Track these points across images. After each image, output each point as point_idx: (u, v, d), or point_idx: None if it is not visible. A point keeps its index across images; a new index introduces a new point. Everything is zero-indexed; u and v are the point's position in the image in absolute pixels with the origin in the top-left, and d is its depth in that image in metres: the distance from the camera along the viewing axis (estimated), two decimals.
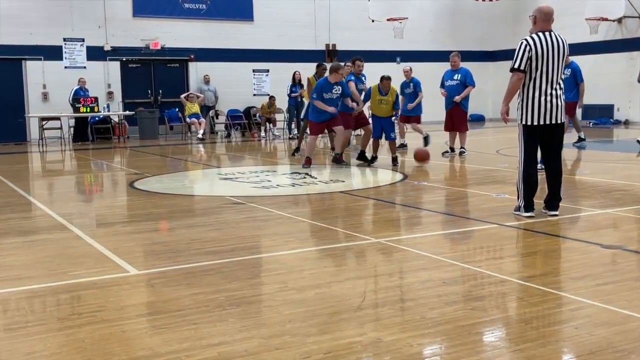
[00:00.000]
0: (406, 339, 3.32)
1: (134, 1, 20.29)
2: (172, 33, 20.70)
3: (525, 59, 6.17)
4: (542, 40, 6.17)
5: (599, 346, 3.19)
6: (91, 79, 19.23)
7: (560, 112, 6.26)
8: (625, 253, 5.05)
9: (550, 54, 6.17)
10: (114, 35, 20.06)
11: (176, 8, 20.81)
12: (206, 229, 6.21)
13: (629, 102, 21.40)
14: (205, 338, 3.38)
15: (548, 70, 6.19)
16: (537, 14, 6.35)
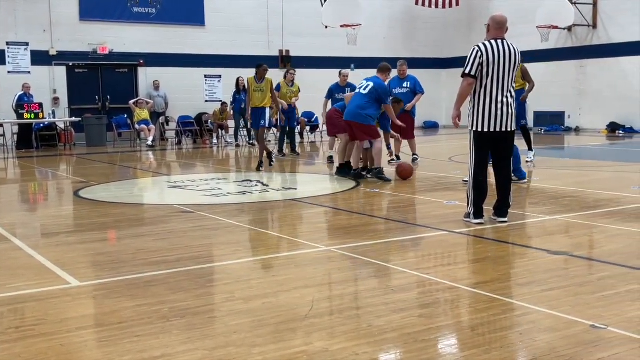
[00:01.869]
0: (352, 348, 3.35)
1: (80, 5, 19.99)
2: (120, 37, 20.46)
3: (476, 65, 6.26)
4: (494, 48, 6.27)
5: (543, 352, 3.26)
6: (36, 84, 18.86)
7: (510, 119, 6.35)
8: (572, 259, 5.17)
9: (501, 61, 6.26)
10: (59, 39, 19.73)
11: (125, 12, 20.58)
12: (152, 239, 6.14)
13: (579, 109, 21.99)
14: (147, 351, 3.34)
15: (499, 77, 6.27)
16: (490, 23, 6.47)
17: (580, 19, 21.25)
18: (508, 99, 6.34)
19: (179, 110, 21.03)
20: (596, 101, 21.24)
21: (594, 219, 6.73)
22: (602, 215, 6.89)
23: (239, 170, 13.25)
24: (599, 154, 14.27)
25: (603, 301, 4.03)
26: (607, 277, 4.59)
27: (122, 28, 20.55)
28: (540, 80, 21.40)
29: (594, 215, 6.96)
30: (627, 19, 20.58)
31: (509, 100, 6.35)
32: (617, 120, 20.83)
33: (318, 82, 20.58)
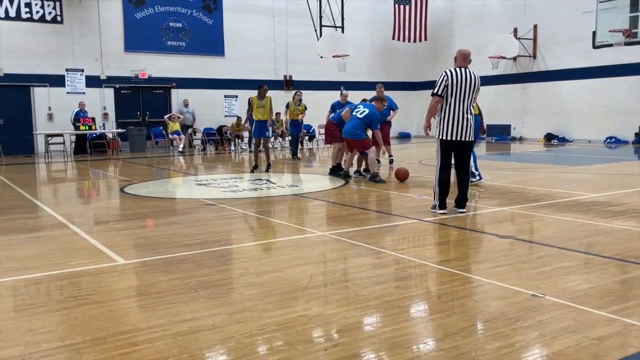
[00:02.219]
0: (342, 312, 3.34)
1: (125, 39, 19.91)
2: (157, 65, 20.38)
3: (442, 87, 6.33)
4: (457, 74, 6.33)
5: (494, 315, 3.27)
6: (89, 102, 18.82)
7: (469, 131, 6.40)
8: (516, 242, 5.17)
9: (462, 85, 6.31)
10: (108, 66, 19.64)
11: (161, 45, 20.51)
12: (183, 226, 6.12)
13: (522, 123, 22.03)
14: (179, 315, 3.34)
15: (461, 97, 6.33)
16: (457, 54, 6.58)
17: (523, 51, 21.26)
18: (468, 115, 6.39)
19: (204, 123, 21.02)
20: (536, 116, 21.28)
21: (534, 210, 6.74)
22: (541, 207, 6.90)
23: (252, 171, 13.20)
24: (538, 158, 14.27)
25: (542, 275, 4.03)
26: (545, 255, 4.59)
27: (158, 57, 20.47)
28: (491, 99, 21.58)
29: (534, 207, 6.96)
30: (560, 51, 20.60)
31: (468, 115, 6.40)
32: (553, 131, 20.83)
33: (315, 100, 20.59)
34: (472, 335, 2.96)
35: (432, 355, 2.76)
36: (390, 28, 23.89)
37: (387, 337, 2.99)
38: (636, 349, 2.77)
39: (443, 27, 24.91)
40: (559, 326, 3.06)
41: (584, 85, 19.98)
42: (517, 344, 2.85)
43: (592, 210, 6.61)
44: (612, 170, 11.19)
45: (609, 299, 3.49)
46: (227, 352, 2.84)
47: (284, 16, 22.48)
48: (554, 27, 20.65)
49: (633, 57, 18.28)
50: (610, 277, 3.96)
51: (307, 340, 2.94)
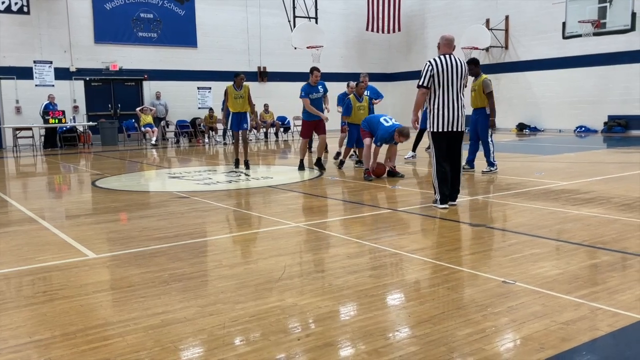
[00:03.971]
0: (316, 302, 3.35)
1: (95, 30, 19.55)
2: (128, 57, 20.08)
3: (428, 77, 6.09)
4: (442, 62, 6.09)
5: (465, 302, 3.31)
6: (59, 95, 18.49)
7: (460, 121, 6.17)
8: (488, 230, 5.24)
9: (449, 73, 6.07)
10: (78, 58, 19.28)
11: (131, 36, 20.20)
12: (155, 219, 6.06)
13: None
14: (151, 308, 3.30)
15: (449, 86, 6.09)
16: (440, 41, 6.30)
17: (495, 42, 21.48)
18: (458, 103, 6.14)
19: (177, 116, 20.83)
20: (508, 106, 21.53)
21: (506, 199, 6.83)
22: (512, 196, 7.00)
23: (226, 163, 13.13)
24: (510, 148, 14.47)
25: (512, 262, 4.09)
26: (516, 243, 4.66)
27: (129, 49, 20.15)
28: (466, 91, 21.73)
29: (506, 195, 7.06)
30: (531, 42, 20.87)
31: (458, 104, 6.15)
32: (524, 121, 21.14)
33: (289, 92, 20.53)
34: (444, 322, 2.99)
35: (404, 342, 2.78)
36: (364, 19, 23.89)
37: (360, 325, 3.00)
38: (602, 332, 2.83)
39: (416, 18, 25.02)
40: (529, 311, 3.11)
41: (554, 76, 20.29)
42: (488, 329, 2.89)
43: (561, 198, 6.73)
44: (582, 159, 11.40)
45: (577, 284, 3.57)
46: (200, 345, 2.82)
47: (257, 7, 22.32)
48: (525, 18, 20.90)
49: (602, 47, 18.62)
50: (579, 263, 4.04)
51: (280, 331, 2.94)
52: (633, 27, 16.83)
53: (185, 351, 2.76)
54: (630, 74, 18.28)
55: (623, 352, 2.72)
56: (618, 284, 3.54)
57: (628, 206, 6.08)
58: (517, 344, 2.75)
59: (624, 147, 14.38)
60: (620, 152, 13.26)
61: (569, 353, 2.62)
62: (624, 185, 7.58)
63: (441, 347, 2.69)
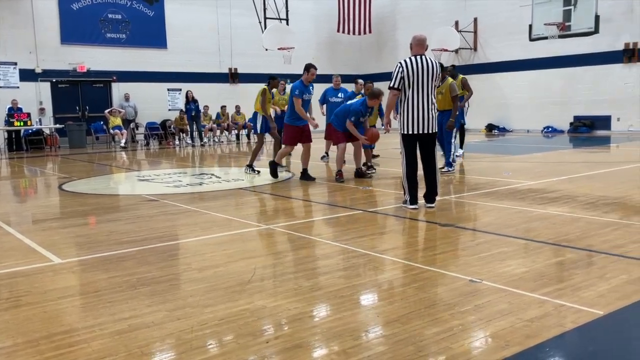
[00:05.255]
0: (286, 305, 3.35)
1: (61, 30, 19.20)
2: (96, 58, 19.76)
3: (398, 79, 6.04)
4: (413, 63, 6.03)
5: (433, 301, 3.34)
6: (24, 97, 18.14)
7: (432, 123, 6.12)
8: (456, 229, 5.30)
9: (420, 74, 6.01)
10: (44, 59, 18.92)
11: (99, 37, 19.91)
12: (123, 223, 5.98)
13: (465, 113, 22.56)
14: (118, 313, 3.26)
15: (420, 88, 6.04)
16: (412, 41, 6.22)
17: (464, 43, 21.78)
18: (429, 105, 6.09)
19: (147, 118, 20.59)
20: (477, 107, 21.74)
21: (475, 198, 6.92)
22: (481, 195, 7.10)
23: (197, 165, 13.03)
24: (479, 148, 14.69)
25: (480, 261, 4.15)
26: (483, 242, 4.73)
27: (97, 50, 19.85)
28: None
29: (474, 195, 7.16)
30: (499, 43, 21.22)
31: (430, 106, 6.10)
32: (493, 121, 21.48)
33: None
34: (412, 321, 3.02)
35: (372, 343, 2.80)
36: (335, 20, 23.97)
37: (330, 326, 3.01)
38: (565, 328, 2.90)
39: (387, 20, 25.21)
40: (495, 309, 3.16)
41: (522, 77, 20.66)
42: (455, 328, 2.92)
43: (528, 197, 6.86)
44: (548, 159, 11.64)
45: (542, 281, 3.64)
46: (167, 349, 2.79)
47: (228, 8, 22.20)
48: (493, 20, 21.24)
49: (567, 49, 19.04)
50: (544, 261, 4.12)
51: (249, 334, 2.93)
52: (597, 30, 17.26)
53: (153, 356, 2.73)
54: (595, 75, 18.73)
55: (586, 348, 2.79)
56: (581, 281, 3.62)
57: (592, 205, 6.23)
58: (483, 341, 2.79)
59: (589, 146, 14.73)
60: (585, 151, 13.57)
61: (533, 350, 2.67)
62: (588, 184, 7.76)
63: (409, 347, 2.72)
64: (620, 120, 18.46)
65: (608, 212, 5.78)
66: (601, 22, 17.20)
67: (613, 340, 2.84)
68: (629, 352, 2.70)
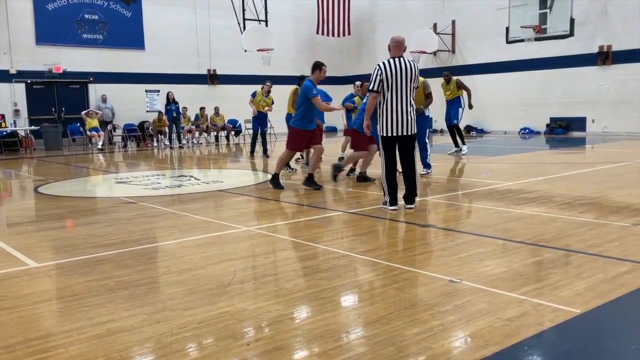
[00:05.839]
0: (266, 307, 3.34)
1: (36, 31, 18.91)
2: (72, 59, 19.50)
3: (377, 82, 6.06)
4: (391, 65, 6.04)
5: (413, 302, 3.36)
6: None
7: (410, 125, 6.13)
8: (436, 230, 5.35)
9: (398, 76, 6.02)
10: (19, 60, 18.62)
11: (75, 37, 19.66)
12: (101, 226, 5.90)
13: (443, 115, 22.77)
14: (96, 317, 3.21)
15: (398, 90, 6.04)
16: (390, 43, 6.23)
17: (443, 46, 21.97)
18: (408, 107, 6.09)
19: (124, 119, 20.37)
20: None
21: (454, 199, 6.98)
22: (460, 196, 7.16)
23: (176, 167, 12.92)
24: None
25: (459, 261, 4.18)
26: (462, 242, 4.77)
27: (73, 51, 19.59)
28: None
29: (453, 196, 7.22)
30: (477, 46, 21.46)
31: (409, 108, 6.10)
32: (471, 123, 21.67)
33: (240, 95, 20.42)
34: (392, 322, 3.03)
35: (353, 344, 2.80)
36: (314, 22, 23.99)
37: (310, 328, 3.00)
38: (543, 327, 2.93)
39: (366, 22, 25.32)
40: (474, 309, 3.19)
41: (499, 79, 20.90)
42: (435, 328, 2.94)
43: (506, 197, 6.93)
44: (525, 160, 11.79)
45: (520, 281, 3.68)
46: (146, 353, 2.76)
47: (206, 9, 22.09)
48: (471, 22, 21.47)
49: (543, 52, 19.32)
50: (522, 261, 4.17)
51: (229, 336, 2.91)
52: (572, 33, 17.53)
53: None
54: (570, 77, 19.04)
55: (563, 346, 2.83)
56: (559, 280, 3.67)
57: (569, 205, 6.32)
58: (463, 341, 2.81)
59: (565, 147, 14.96)
60: (561, 153, 13.78)
61: (512, 349, 2.70)
62: (565, 184, 7.88)
63: (389, 347, 2.72)
64: (595, 122, 18.79)
65: (584, 212, 5.87)
66: (576, 25, 17.48)
67: (589, 338, 2.89)
68: (605, 350, 2.74)
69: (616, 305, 3.25)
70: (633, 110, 17.74)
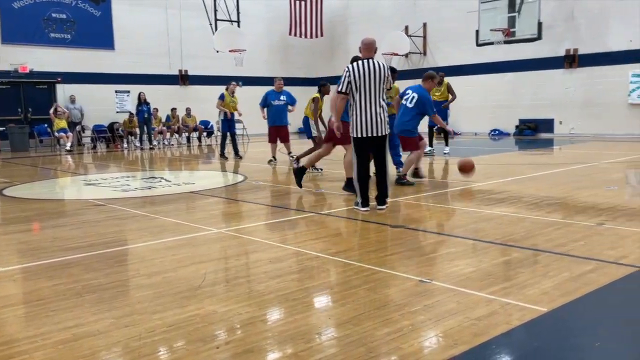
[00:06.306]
0: (237, 309, 3.31)
1: (2, 30, 18.47)
2: (39, 58, 19.09)
3: (346, 83, 6.09)
4: (360, 67, 6.06)
5: (383, 302, 3.38)
6: None
7: (381, 126, 6.13)
8: (407, 230, 5.38)
9: (367, 78, 6.03)
10: None
11: (43, 37, 19.26)
12: (69, 228, 5.79)
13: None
14: (62, 322, 3.15)
15: (368, 91, 6.07)
16: (361, 45, 6.25)
17: (414, 48, 22.16)
18: (378, 108, 6.11)
19: (94, 120, 20.06)
20: None
21: (425, 200, 7.04)
22: (431, 197, 7.22)
23: (147, 169, 12.76)
24: None
25: (429, 261, 4.23)
26: (432, 243, 4.82)
27: (41, 50, 19.18)
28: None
29: (424, 196, 7.28)
30: (447, 48, 21.70)
31: (379, 109, 6.12)
32: None
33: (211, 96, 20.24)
34: (363, 323, 3.04)
35: (324, 345, 2.80)
36: (287, 23, 23.96)
37: (281, 330, 3.00)
38: (511, 325, 2.98)
39: (338, 23, 25.39)
40: (443, 309, 3.22)
41: (470, 81, 21.16)
42: (405, 328, 2.96)
43: (476, 198, 7.03)
44: (495, 161, 11.97)
45: (489, 280, 3.73)
46: (113, 358, 2.72)
47: (178, 9, 21.87)
48: (442, 25, 21.71)
49: (512, 55, 19.66)
50: (491, 261, 4.22)
51: (199, 339, 2.88)
52: (540, 36, 17.86)
53: None
54: (539, 80, 19.40)
55: (530, 344, 2.88)
56: (527, 279, 3.73)
57: (537, 205, 6.44)
58: (432, 341, 2.83)
59: (534, 149, 15.23)
60: (530, 154, 14.03)
61: (480, 348, 2.73)
62: (533, 185, 8.02)
63: (360, 348, 2.73)
64: (562, 124, 19.19)
65: (551, 212, 5.99)
66: (544, 28, 17.82)
67: (555, 336, 2.94)
68: (570, 348, 2.79)
69: (581, 304, 3.32)
70: (599, 112, 18.17)
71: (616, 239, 4.77)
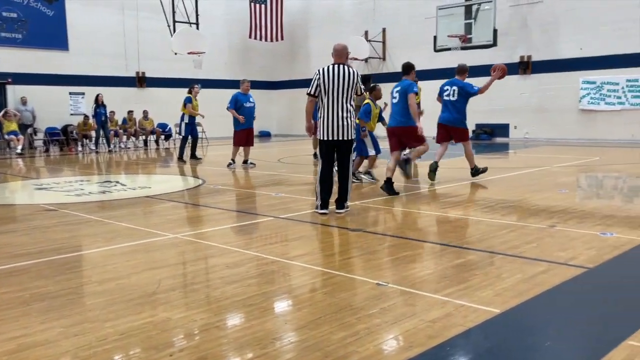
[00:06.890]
0: (191, 316, 3.26)
1: None
2: None
3: (315, 86, 6.18)
4: (330, 71, 6.14)
5: (340, 306, 3.37)
6: None
7: (346, 130, 6.19)
8: (365, 234, 5.40)
9: (335, 82, 6.11)
10: None
11: None
12: (17, 235, 5.59)
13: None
14: (7, 332, 3.03)
15: (334, 96, 6.14)
16: (332, 51, 6.34)
17: (374, 53, 22.39)
18: (344, 113, 6.17)
19: (47, 122, 19.46)
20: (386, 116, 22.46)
21: (383, 203, 7.09)
22: (389, 200, 7.28)
23: (102, 172, 12.46)
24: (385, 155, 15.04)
25: (386, 265, 4.25)
26: (390, 246, 4.85)
27: None
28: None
29: (383, 200, 7.33)
30: (406, 54, 21.90)
31: (345, 114, 6.18)
32: None
33: (170, 98, 19.98)
34: (320, 327, 3.03)
35: (280, 350, 2.78)
36: (247, 26, 23.85)
37: (237, 336, 2.96)
38: (465, 327, 3.02)
39: (299, 27, 25.42)
40: (399, 312, 3.25)
41: (428, 86, 21.38)
42: (361, 332, 2.97)
43: (433, 201, 7.12)
44: (452, 165, 12.18)
45: (444, 283, 3.78)
46: None
47: (135, 10, 21.51)
48: (401, 30, 22.00)
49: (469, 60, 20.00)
50: (447, 263, 4.28)
51: (152, 347, 2.82)
52: (495, 43, 18.30)
53: None
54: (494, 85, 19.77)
55: (483, 345, 2.92)
56: (481, 281, 3.80)
57: (491, 208, 6.57)
58: (388, 344, 2.85)
59: (490, 153, 15.57)
60: (486, 157, 14.32)
61: (435, 349, 2.76)
62: (489, 188, 8.19)
63: (316, 352, 2.72)
64: (517, 128, 19.69)
65: (506, 215, 6.12)
66: (499, 35, 18.26)
67: (508, 336, 3.00)
68: (522, 347, 2.85)
69: (532, 304, 3.39)
70: (551, 117, 18.72)
71: (566, 241, 4.91)
